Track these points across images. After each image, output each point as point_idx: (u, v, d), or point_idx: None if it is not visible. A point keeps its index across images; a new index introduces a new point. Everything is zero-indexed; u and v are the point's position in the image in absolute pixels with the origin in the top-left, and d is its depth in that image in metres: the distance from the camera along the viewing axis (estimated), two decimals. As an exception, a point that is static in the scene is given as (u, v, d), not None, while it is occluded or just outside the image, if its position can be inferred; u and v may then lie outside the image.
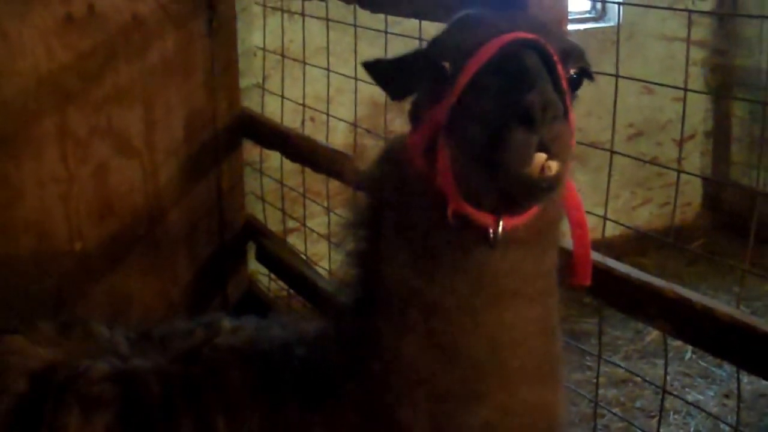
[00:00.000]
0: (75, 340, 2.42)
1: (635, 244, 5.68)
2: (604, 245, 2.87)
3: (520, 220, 1.78)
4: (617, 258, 2.67)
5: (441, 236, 1.85)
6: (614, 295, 2.62)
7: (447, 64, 1.77)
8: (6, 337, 2.41)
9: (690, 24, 3.34)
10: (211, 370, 2.21)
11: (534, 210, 1.79)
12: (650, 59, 5.87)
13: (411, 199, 1.90)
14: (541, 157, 1.60)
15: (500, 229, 1.75)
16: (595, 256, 2.66)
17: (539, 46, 1.69)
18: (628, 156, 3.48)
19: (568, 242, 2.47)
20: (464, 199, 1.74)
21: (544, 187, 1.63)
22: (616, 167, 3.10)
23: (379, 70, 2.01)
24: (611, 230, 4.83)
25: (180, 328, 2.45)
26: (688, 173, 3.05)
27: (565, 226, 2.03)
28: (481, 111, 1.65)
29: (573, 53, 1.83)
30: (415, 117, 1.93)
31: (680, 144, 4.53)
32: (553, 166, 1.61)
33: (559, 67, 1.71)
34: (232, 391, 2.16)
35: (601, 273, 2.60)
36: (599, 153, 3.25)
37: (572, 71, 1.82)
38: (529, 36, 1.72)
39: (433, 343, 1.89)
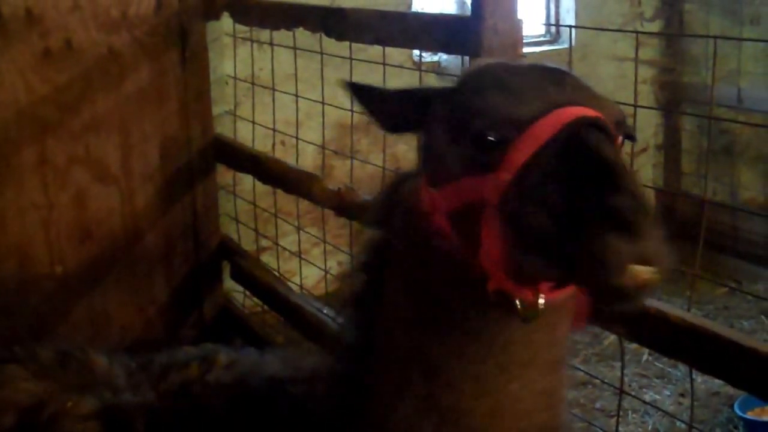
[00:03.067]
0: (71, 370, 2.41)
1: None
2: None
3: (559, 295, 1.61)
4: None
5: (459, 302, 1.71)
6: None
7: (491, 134, 1.58)
8: (4, 366, 2.43)
9: (638, 45, 3.56)
10: (199, 408, 2.17)
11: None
12: (603, 78, 6.02)
13: (428, 257, 1.74)
14: (642, 270, 1.39)
15: (541, 302, 1.58)
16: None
17: (605, 128, 1.53)
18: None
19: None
20: (509, 278, 1.56)
21: (637, 299, 1.42)
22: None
23: (368, 97, 1.88)
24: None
25: (178, 360, 2.39)
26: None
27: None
28: (552, 201, 1.44)
29: (622, 122, 1.70)
30: (433, 168, 1.74)
31: (632, 157, 4.73)
32: (657, 279, 1.41)
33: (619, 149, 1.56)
34: (217, 430, 2.12)
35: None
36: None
37: (621, 142, 1.68)
38: (593, 114, 1.55)
39: (431, 406, 1.77)
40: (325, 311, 3.91)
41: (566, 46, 6.16)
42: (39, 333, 4.46)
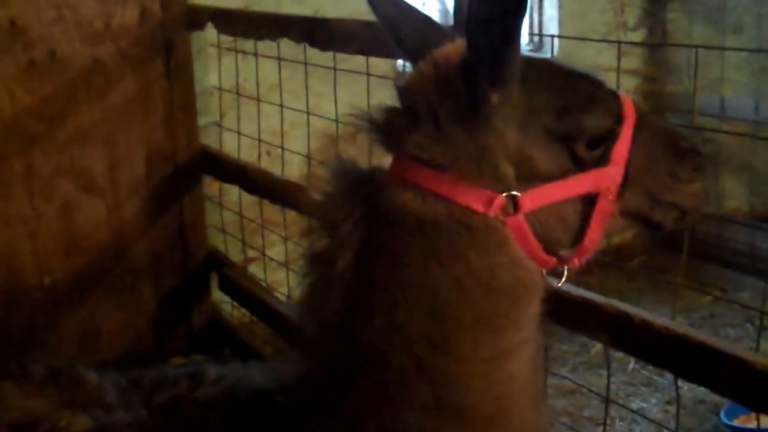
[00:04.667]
0: (64, 387, 2.38)
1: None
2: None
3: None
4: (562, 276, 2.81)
5: (481, 305, 1.71)
6: (558, 311, 2.74)
7: (605, 132, 1.75)
8: None
9: (620, 54, 3.59)
10: (191, 425, 2.14)
11: None
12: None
13: (459, 261, 1.69)
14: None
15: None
16: (540, 276, 2.85)
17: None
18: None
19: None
20: (590, 254, 1.82)
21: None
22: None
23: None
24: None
25: (167, 376, 2.36)
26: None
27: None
28: (657, 166, 1.83)
29: None
30: (532, 169, 1.70)
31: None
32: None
33: None
34: None
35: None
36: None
37: None
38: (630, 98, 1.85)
39: (438, 408, 1.74)
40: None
41: (549, 55, 6.19)
42: (27, 344, 4.46)
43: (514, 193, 1.67)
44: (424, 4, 6.09)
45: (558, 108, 1.71)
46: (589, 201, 1.74)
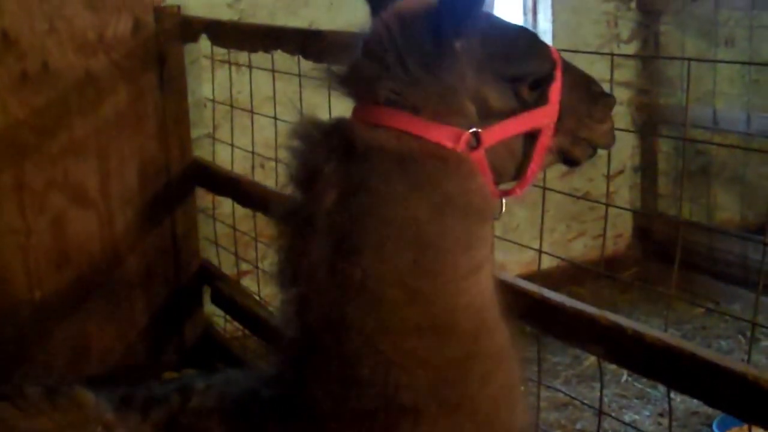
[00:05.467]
0: (61, 407, 2.36)
1: (572, 275, 5.87)
2: (542, 277, 3.04)
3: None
4: (554, 289, 2.76)
5: (457, 230, 1.88)
6: (550, 323, 2.72)
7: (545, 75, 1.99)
8: None
9: (613, 66, 3.61)
10: None
11: None
12: (579, 99, 6.09)
13: (433, 197, 1.86)
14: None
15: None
16: (532, 286, 2.85)
17: None
18: (561, 192, 3.67)
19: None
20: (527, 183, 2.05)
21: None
22: (551, 202, 3.27)
23: None
24: (548, 262, 5.08)
25: (157, 393, 2.36)
26: (616, 206, 3.27)
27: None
28: (586, 111, 2.06)
29: None
30: (461, 108, 1.89)
31: (609, 179, 4.79)
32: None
33: None
34: None
35: (538, 303, 2.75)
36: (534, 189, 3.45)
37: None
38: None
39: (429, 330, 1.87)
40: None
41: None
42: (17, 359, 4.44)
43: (477, 129, 1.87)
44: None
45: (506, 54, 1.95)
46: (531, 137, 1.98)
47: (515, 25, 2.11)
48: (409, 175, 1.84)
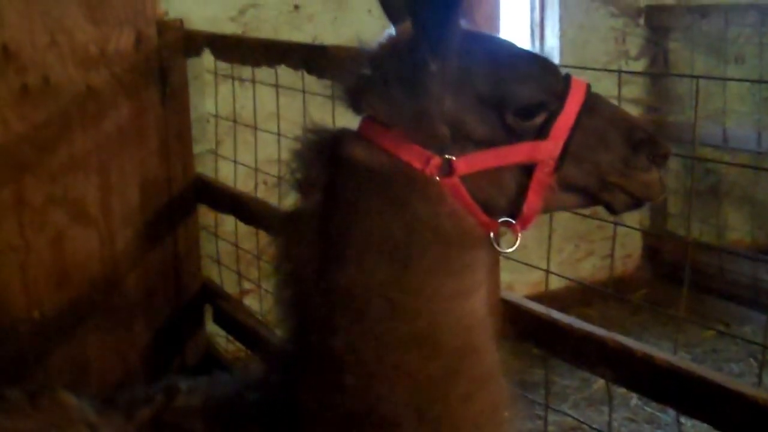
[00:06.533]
0: (44, 409, 2.39)
1: (580, 296, 5.82)
2: (550, 297, 2.99)
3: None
4: (563, 309, 2.74)
5: (438, 252, 1.89)
6: (559, 345, 2.70)
7: (539, 106, 1.89)
8: None
9: (621, 83, 3.54)
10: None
11: None
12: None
13: (408, 216, 1.87)
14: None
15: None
16: (540, 308, 2.80)
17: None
18: (569, 211, 3.61)
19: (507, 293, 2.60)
20: (529, 221, 1.95)
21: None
22: (559, 222, 3.21)
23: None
24: (557, 283, 5.00)
25: (140, 395, 2.43)
26: (625, 226, 3.21)
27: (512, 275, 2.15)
28: (605, 157, 1.93)
29: None
30: (436, 133, 1.85)
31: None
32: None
33: None
34: None
35: (546, 324, 2.71)
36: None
37: None
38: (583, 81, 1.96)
39: (412, 343, 1.91)
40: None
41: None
42: (16, 378, 4.37)
43: (449, 156, 1.84)
44: None
45: (492, 79, 1.88)
46: (527, 171, 1.89)
47: (519, 50, 2.00)
48: (382, 190, 1.87)
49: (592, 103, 1.93)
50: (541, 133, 1.88)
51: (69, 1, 4.36)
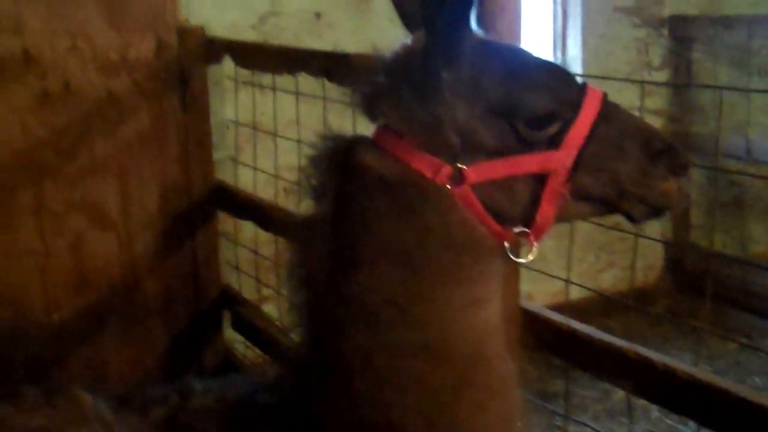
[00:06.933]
0: (60, 407, 2.39)
1: (600, 307, 5.76)
2: (570, 308, 2.96)
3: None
4: (583, 320, 2.72)
5: (447, 261, 1.89)
6: (579, 355, 2.68)
7: (551, 116, 1.87)
8: None
9: (644, 94, 3.51)
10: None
11: None
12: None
13: (418, 224, 1.87)
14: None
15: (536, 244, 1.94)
16: (560, 318, 2.77)
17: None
18: (590, 221, 3.59)
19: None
20: (543, 231, 1.92)
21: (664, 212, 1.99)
22: (580, 232, 3.19)
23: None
24: (577, 293, 4.96)
25: (155, 395, 2.46)
26: (647, 237, 3.17)
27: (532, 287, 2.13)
28: (620, 167, 1.90)
29: None
30: (449, 141, 1.85)
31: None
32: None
33: None
34: None
35: (566, 335, 2.69)
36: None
37: None
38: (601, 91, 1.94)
39: (422, 350, 1.91)
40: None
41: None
42: (33, 381, 4.35)
43: (460, 165, 1.83)
44: None
45: (504, 88, 1.86)
46: (540, 181, 1.87)
47: (533, 58, 1.98)
48: (393, 197, 1.88)
49: (609, 112, 1.90)
50: (554, 142, 1.86)
51: (90, 7, 4.38)
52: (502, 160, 1.85)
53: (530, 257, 1.97)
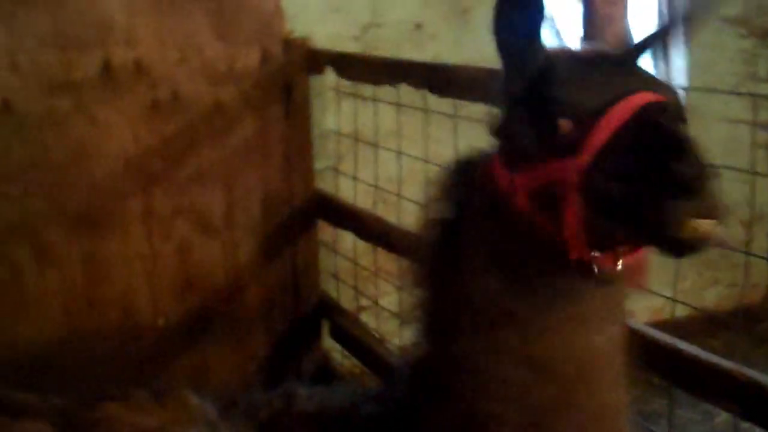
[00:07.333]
0: (168, 407, 2.49)
1: (704, 326, 5.62)
2: (673, 326, 2.90)
3: (635, 259, 1.84)
4: (685, 339, 2.67)
5: (542, 267, 1.88)
6: (683, 376, 2.63)
7: (565, 122, 1.79)
8: (104, 404, 2.50)
9: (755, 107, 3.41)
10: None
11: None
12: (715, 141, 5.84)
13: (508, 232, 1.90)
14: (708, 223, 1.63)
15: (619, 267, 1.81)
16: (664, 336, 2.72)
17: (668, 108, 1.75)
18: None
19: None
20: (586, 246, 1.76)
21: (699, 249, 1.67)
22: (683, 248, 3.11)
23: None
24: (679, 311, 4.85)
25: (260, 399, 2.53)
26: (755, 255, 3.09)
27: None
28: (625, 175, 1.66)
29: (683, 104, 1.88)
30: (512, 151, 1.89)
31: (748, 226, 4.56)
32: (719, 230, 1.64)
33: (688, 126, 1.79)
34: None
35: (670, 354, 2.63)
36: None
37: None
38: (656, 98, 1.76)
39: (522, 359, 1.91)
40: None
41: (678, 107, 6.01)
42: (137, 384, 4.46)
43: (512, 174, 1.87)
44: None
45: (535, 94, 1.87)
46: (563, 188, 1.79)
47: (573, 63, 1.92)
48: (489, 210, 1.94)
49: (649, 124, 1.69)
50: (572, 149, 1.75)
51: (200, 19, 4.49)
52: (533, 168, 1.83)
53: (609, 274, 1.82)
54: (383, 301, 4.87)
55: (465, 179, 2.05)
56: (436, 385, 2.01)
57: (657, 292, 3.22)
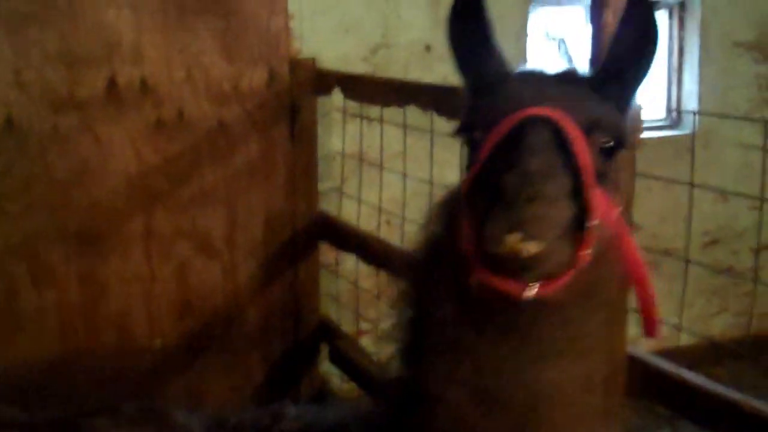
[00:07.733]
0: (154, 424, 2.53)
1: (710, 354, 5.56)
2: (679, 354, 2.85)
3: (552, 288, 1.69)
4: (691, 368, 2.64)
5: (480, 300, 1.80)
6: (688, 405, 2.59)
7: (477, 134, 1.82)
8: (90, 419, 2.55)
9: (767, 132, 3.36)
10: None
11: (567, 276, 1.69)
12: (727, 167, 5.82)
13: (454, 260, 1.85)
14: (513, 237, 1.53)
15: (530, 294, 1.67)
16: (669, 365, 2.66)
17: (551, 121, 1.70)
18: (704, 266, 3.46)
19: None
20: (483, 267, 1.68)
21: (518, 267, 1.59)
22: (691, 275, 3.08)
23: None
24: (685, 339, 4.79)
25: (249, 417, 2.57)
26: (763, 283, 3.04)
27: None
28: (485, 187, 1.64)
29: (601, 123, 1.80)
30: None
31: (757, 253, 4.49)
32: (530, 246, 1.54)
33: (579, 141, 1.68)
34: None
35: (675, 383, 2.59)
36: (674, 261, 3.25)
37: (603, 141, 1.79)
38: (541, 112, 1.71)
39: (477, 392, 1.88)
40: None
41: (688, 131, 5.96)
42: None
43: None
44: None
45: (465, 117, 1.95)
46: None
47: (497, 78, 1.98)
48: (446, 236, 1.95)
49: (510, 137, 1.69)
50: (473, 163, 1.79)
51: (206, 38, 4.47)
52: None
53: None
54: (384, 325, 4.80)
55: (450, 207, 2.00)
56: (412, 407, 2.00)
57: (662, 319, 3.17)
